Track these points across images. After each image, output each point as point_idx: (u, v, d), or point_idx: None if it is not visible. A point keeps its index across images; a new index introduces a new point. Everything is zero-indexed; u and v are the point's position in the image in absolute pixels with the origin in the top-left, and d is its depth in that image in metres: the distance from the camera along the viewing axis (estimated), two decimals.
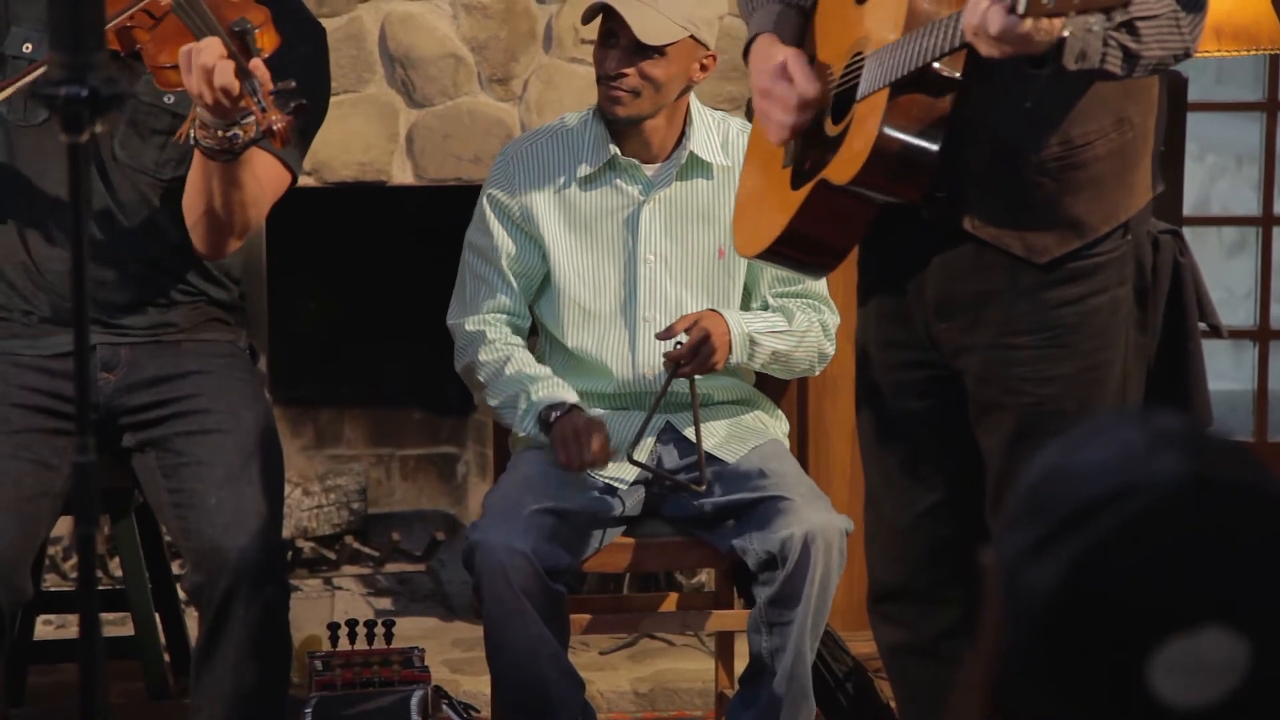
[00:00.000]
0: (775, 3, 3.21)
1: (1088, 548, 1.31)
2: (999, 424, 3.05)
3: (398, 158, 4.67)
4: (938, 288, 3.06)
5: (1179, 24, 2.81)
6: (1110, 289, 3.01)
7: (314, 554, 5.17)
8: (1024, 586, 1.33)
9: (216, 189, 3.34)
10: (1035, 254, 2.97)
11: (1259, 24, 4.26)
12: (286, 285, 4.92)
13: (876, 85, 2.88)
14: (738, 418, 3.87)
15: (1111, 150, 2.96)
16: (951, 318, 3.06)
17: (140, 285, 3.56)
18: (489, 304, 3.82)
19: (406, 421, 5.34)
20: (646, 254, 3.82)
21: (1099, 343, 3.01)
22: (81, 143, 2.09)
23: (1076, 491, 1.34)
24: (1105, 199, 2.97)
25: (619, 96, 3.72)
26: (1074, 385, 3.01)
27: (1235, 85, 5.61)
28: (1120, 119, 2.96)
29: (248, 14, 3.24)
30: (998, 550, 1.38)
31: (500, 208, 3.82)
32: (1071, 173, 2.95)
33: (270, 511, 3.42)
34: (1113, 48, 2.75)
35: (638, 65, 3.70)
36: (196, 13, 3.24)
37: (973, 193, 2.97)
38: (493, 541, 3.55)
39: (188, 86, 3.16)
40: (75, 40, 2.08)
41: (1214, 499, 1.32)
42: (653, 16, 3.67)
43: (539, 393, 3.72)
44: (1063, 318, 3.00)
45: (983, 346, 3.04)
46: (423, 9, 4.63)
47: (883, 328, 3.19)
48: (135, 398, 3.52)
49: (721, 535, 3.71)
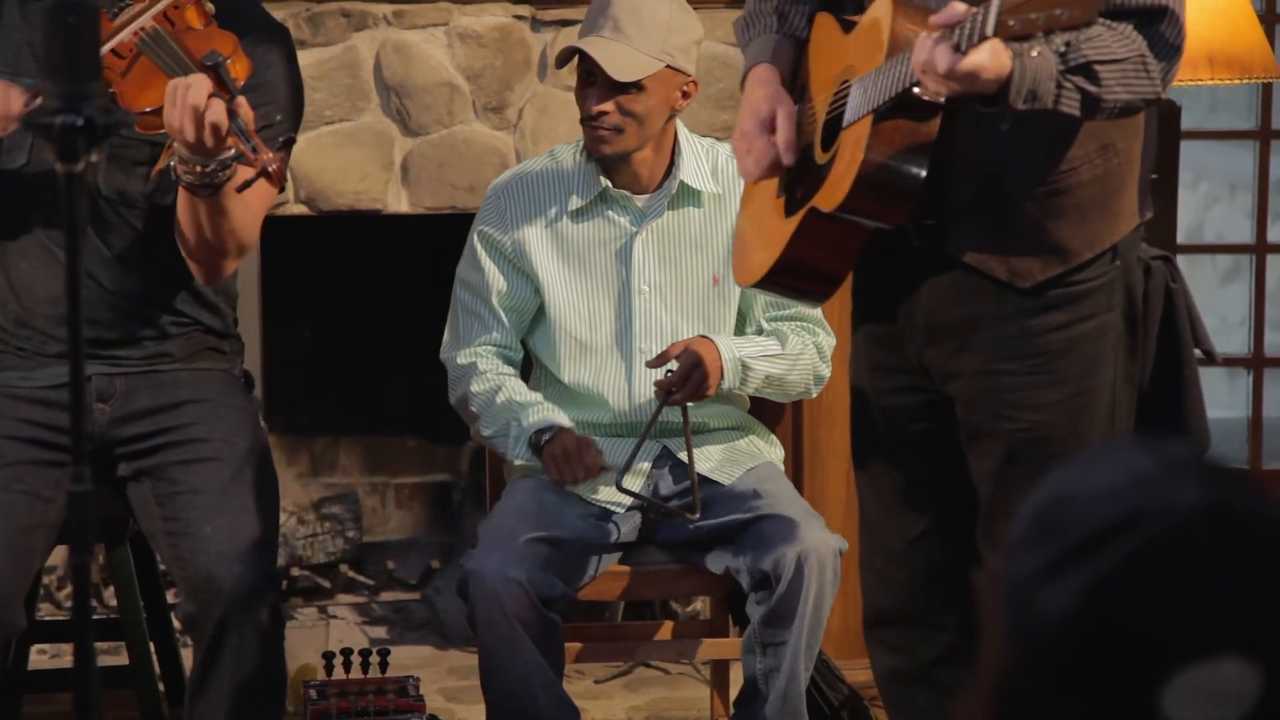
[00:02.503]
0: (772, 34, 3.22)
1: (1104, 573, 1.32)
2: (989, 450, 3.06)
3: (393, 186, 4.67)
4: (926, 314, 3.07)
5: (1147, 68, 2.81)
6: (1098, 315, 3.02)
7: (309, 582, 5.16)
8: (1034, 609, 1.34)
9: (205, 220, 3.33)
10: (1019, 278, 2.98)
11: (1252, 53, 4.27)
12: (282, 313, 4.91)
13: (860, 113, 2.89)
14: (733, 443, 3.87)
15: (1096, 176, 2.97)
16: (940, 343, 3.07)
17: (133, 317, 3.55)
18: (481, 338, 3.83)
19: (401, 450, 5.34)
20: (640, 284, 3.82)
21: (1087, 369, 3.02)
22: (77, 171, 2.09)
23: (1089, 516, 1.34)
24: (1089, 225, 2.98)
25: (602, 135, 3.73)
26: (1062, 412, 3.02)
27: (1229, 113, 5.62)
28: (1105, 145, 2.97)
29: (215, 44, 3.22)
30: (1004, 572, 1.38)
31: (492, 244, 3.83)
32: (1055, 198, 2.96)
33: (265, 539, 3.41)
34: (1068, 89, 2.76)
35: (617, 102, 3.70)
36: (166, 51, 3.22)
37: (957, 218, 2.99)
38: (488, 570, 3.55)
39: (170, 125, 3.13)
40: (70, 69, 2.08)
41: (1231, 527, 1.33)
42: (624, 53, 3.68)
43: (529, 418, 3.72)
44: (1050, 344, 3.01)
45: (971, 373, 3.05)
46: (418, 38, 4.63)
47: (874, 352, 3.21)
48: (130, 427, 3.52)
49: (716, 557, 3.71)
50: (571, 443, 3.67)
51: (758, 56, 3.20)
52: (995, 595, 1.38)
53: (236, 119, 3.11)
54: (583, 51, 3.70)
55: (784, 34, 3.22)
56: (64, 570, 4.88)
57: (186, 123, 3.10)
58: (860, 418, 3.29)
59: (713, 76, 4.65)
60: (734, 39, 4.60)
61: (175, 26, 3.27)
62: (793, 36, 3.21)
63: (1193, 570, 1.31)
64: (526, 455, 3.72)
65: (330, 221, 4.71)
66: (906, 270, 3.07)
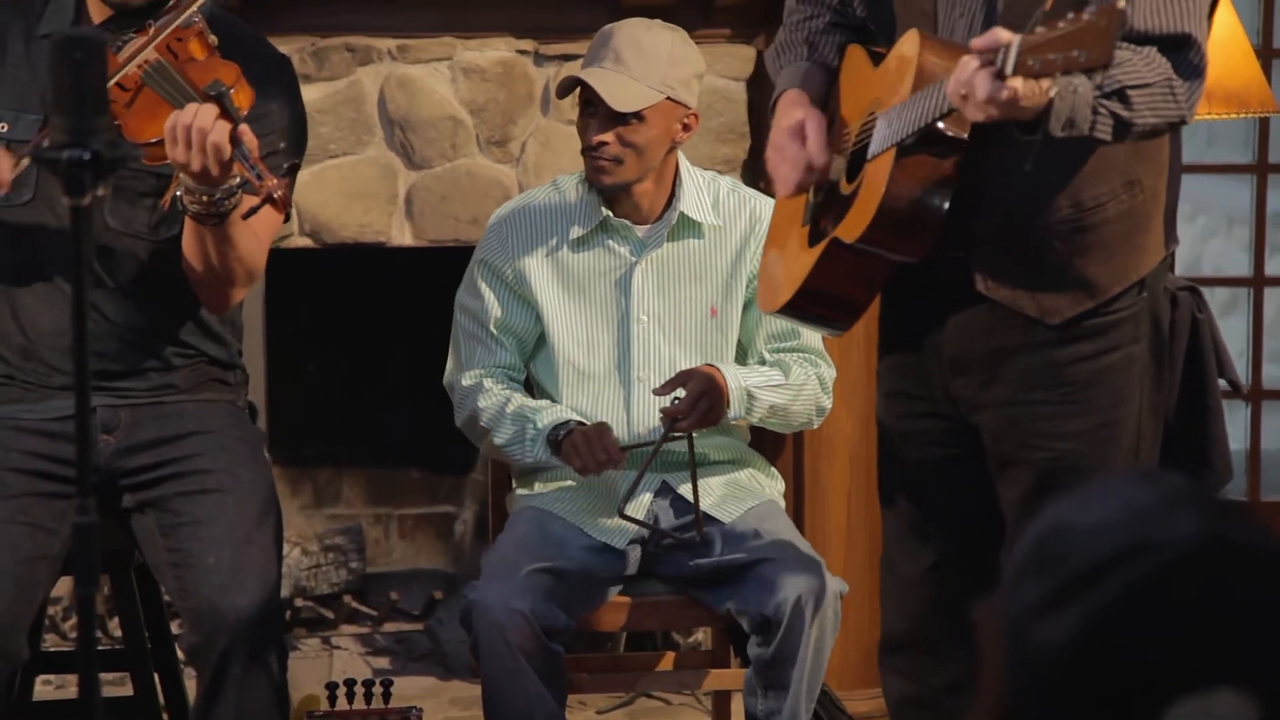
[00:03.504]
0: (802, 61, 3.26)
1: (1103, 605, 1.32)
2: (1017, 478, 3.09)
3: (397, 219, 4.68)
4: (954, 345, 3.10)
5: (1174, 92, 2.84)
6: (1124, 346, 3.04)
7: (312, 613, 5.16)
8: (1033, 641, 1.34)
9: (212, 249, 3.33)
10: (1048, 315, 3.01)
11: (1249, 89, 4.29)
12: (286, 345, 4.92)
13: (884, 146, 2.92)
14: (733, 476, 3.86)
15: (1122, 212, 3.00)
16: (968, 374, 3.10)
17: (139, 349, 3.55)
18: (484, 360, 3.83)
19: (405, 481, 5.34)
20: (640, 314, 3.83)
21: (1114, 399, 3.04)
22: (84, 205, 2.09)
23: (1088, 548, 1.34)
24: (1116, 260, 3.01)
25: (603, 166, 3.74)
26: (1090, 441, 3.04)
27: (1226, 148, 5.63)
28: (1130, 181, 3.00)
29: (218, 74, 3.22)
30: (1003, 603, 1.38)
31: (493, 272, 3.83)
32: (1082, 235, 2.98)
33: (269, 570, 3.41)
34: (1103, 115, 2.78)
35: (617, 133, 3.71)
36: (170, 82, 3.23)
37: (985, 254, 3.01)
38: (491, 601, 3.54)
39: (174, 156, 3.14)
40: (78, 105, 2.09)
41: (1230, 560, 1.33)
42: (624, 84, 3.69)
43: (543, 420, 3.73)
44: (1078, 374, 3.03)
45: (999, 402, 3.08)
46: (422, 72, 4.64)
47: (898, 382, 3.24)
48: (135, 459, 3.51)
49: (717, 596, 3.71)
50: (591, 430, 3.68)
51: (787, 83, 3.24)
52: (995, 625, 1.38)
53: (241, 146, 3.11)
54: (584, 81, 3.71)
55: (814, 61, 3.26)
56: (69, 601, 4.87)
57: (192, 152, 3.11)
58: (885, 448, 3.32)
59: (714, 110, 4.66)
60: (735, 73, 4.65)
61: (178, 58, 3.28)
62: (823, 64, 3.25)
63: (1191, 602, 1.31)
64: (545, 455, 3.72)
65: (334, 254, 4.72)
66: (933, 301, 3.10)
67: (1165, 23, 2.86)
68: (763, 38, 4.70)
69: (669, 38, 3.75)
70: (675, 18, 4.38)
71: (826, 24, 3.30)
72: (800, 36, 3.30)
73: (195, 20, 3.31)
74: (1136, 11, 2.84)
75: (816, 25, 3.30)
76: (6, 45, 3.50)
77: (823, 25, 3.30)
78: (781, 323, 3.84)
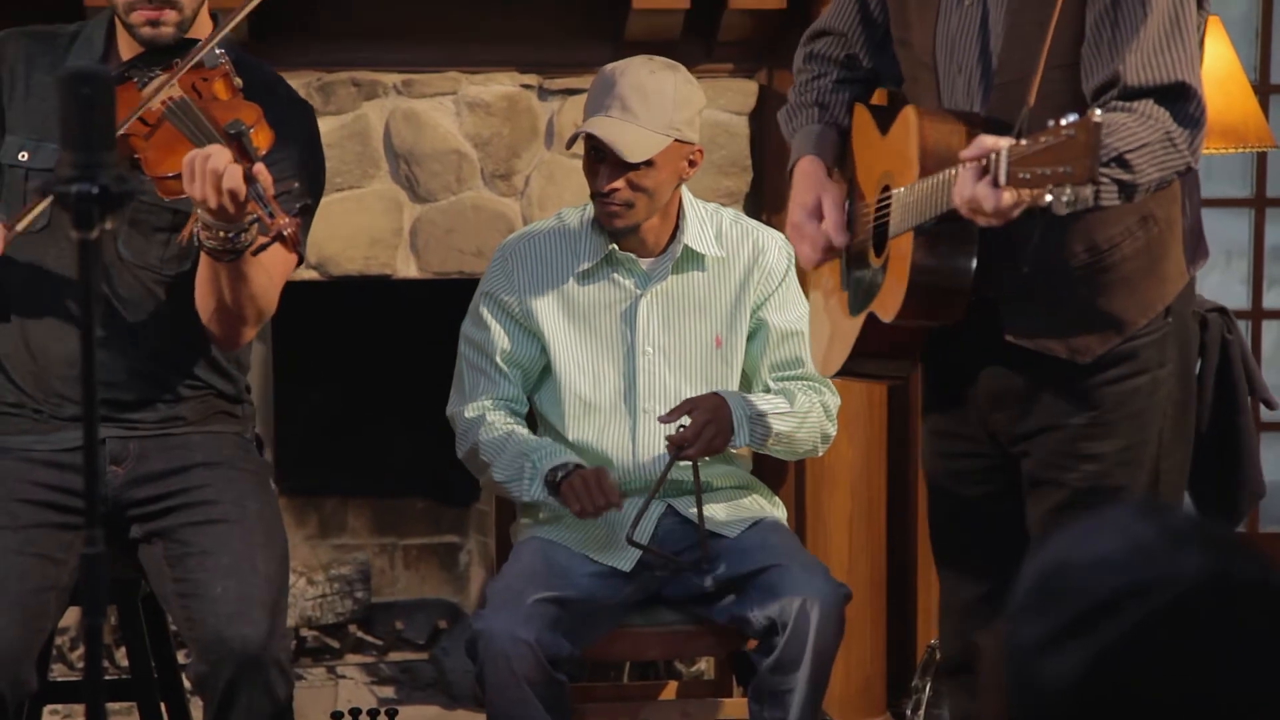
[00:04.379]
0: (816, 123, 3.35)
1: (1108, 642, 1.32)
2: (1046, 496, 3.16)
3: (402, 251, 4.68)
4: (990, 382, 3.17)
5: (1174, 143, 2.86)
6: (1150, 370, 3.09)
7: (318, 643, 5.15)
8: (1039, 676, 1.33)
9: (226, 286, 3.34)
10: (1079, 355, 3.07)
11: (1246, 124, 4.30)
12: (292, 377, 4.91)
13: (903, 228, 3.01)
14: (737, 500, 3.87)
15: (1139, 248, 3.04)
16: (1006, 409, 3.17)
17: (148, 381, 3.55)
18: (488, 392, 3.83)
19: (409, 511, 5.33)
20: (645, 346, 3.83)
21: (1138, 422, 3.10)
22: (92, 239, 2.09)
23: (1093, 584, 1.34)
24: (1139, 294, 3.06)
25: (615, 211, 3.75)
26: (1116, 463, 3.11)
27: (1224, 182, 5.63)
28: (1143, 217, 3.04)
29: (240, 114, 3.24)
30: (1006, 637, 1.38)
31: (498, 303, 3.83)
32: (1103, 275, 3.04)
33: (274, 600, 3.40)
34: (1106, 184, 2.82)
35: (627, 178, 3.71)
36: (191, 119, 3.25)
37: (1011, 307, 3.08)
38: (496, 630, 3.54)
39: (191, 192, 3.15)
40: (86, 140, 2.09)
41: (1236, 596, 1.32)
42: (634, 132, 3.69)
43: (542, 459, 3.72)
44: (1105, 398, 3.09)
45: (1035, 430, 3.14)
46: (427, 106, 4.64)
47: (941, 420, 3.32)
48: (143, 490, 3.51)
49: (723, 608, 3.72)
50: (589, 473, 3.67)
51: (801, 149, 3.33)
52: (998, 658, 1.38)
53: (255, 185, 3.12)
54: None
55: (826, 123, 3.35)
56: (76, 631, 4.86)
57: (208, 190, 3.12)
58: (931, 481, 3.40)
59: (716, 144, 4.66)
60: (737, 107, 4.66)
61: (202, 97, 3.30)
62: (834, 125, 3.34)
63: (1196, 640, 1.31)
64: (542, 494, 3.71)
65: (340, 287, 4.72)
66: (969, 342, 3.16)
67: (1158, 75, 2.88)
68: (764, 72, 4.71)
69: (671, 79, 3.75)
70: (678, 53, 4.39)
71: (834, 81, 3.38)
72: (810, 98, 3.38)
73: (221, 61, 3.34)
74: (1129, 67, 2.87)
75: (825, 84, 3.38)
76: (32, 77, 3.53)
77: (830, 84, 3.38)
78: (786, 352, 3.86)
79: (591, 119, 3.73)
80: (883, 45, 3.32)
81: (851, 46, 3.36)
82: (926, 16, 3.13)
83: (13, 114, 3.54)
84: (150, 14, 3.42)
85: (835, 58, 3.38)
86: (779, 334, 3.87)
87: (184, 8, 3.44)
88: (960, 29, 3.07)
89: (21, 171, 3.51)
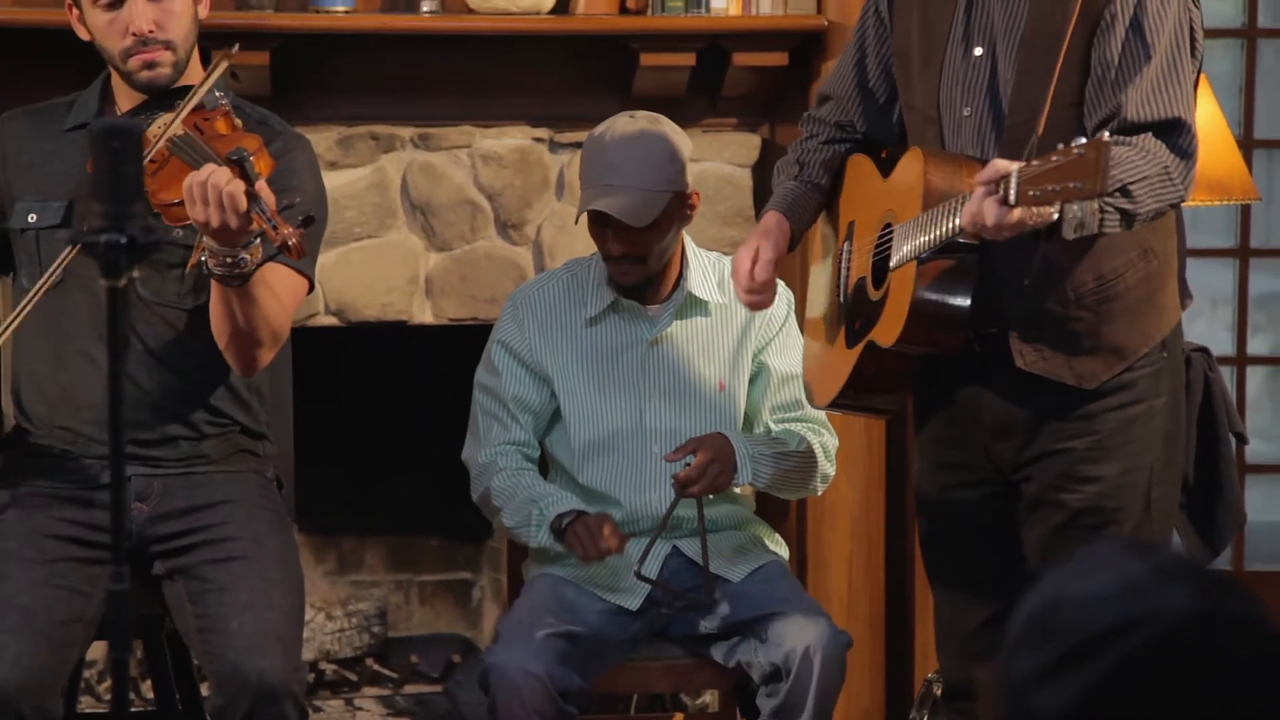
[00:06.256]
0: (793, 179, 3.45)
1: (1099, 676, 1.32)
2: (1045, 518, 3.20)
3: (418, 298, 4.68)
4: (995, 412, 3.21)
5: (1170, 177, 2.96)
6: (1147, 399, 3.16)
7: (336, 675, 5.14)
8: (1033, 708, 1.34)
9: (238, 311, 3.34)
10: (1085, 380, 3.13)
11: (1231, 177, 4.31)
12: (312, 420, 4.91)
13: (906, 258, 3.07)
14: (740, 541, 3.86)
15: (1140, 279, 3.12)
16: (1010, 438, 3.21)
17: (170, 416, 3.56)
18: (501, 437, 3.83)
19: (424, 549, 5.32)
20: (651, 390, 3.83)
21: (1135, 448, 3.16)
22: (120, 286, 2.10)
23: (1085, 619, 1.35)
24: (1140, 323, 3.14)
25: (626, 271, 3.75)
26: (1113, 486, 3.16)
27: (1210, 232, 5.64)
28: (1145, 249, 3.12)
29: (242, 143, 3.26)
30: (1002, 671, 1.38)
31: (510, 351, 3.84)
32: (1108, 304, 3.11)
33: (290, 634, 3.40)
34: (1110, 212, 2.91)
35: (634, 238, 3.71)
36: (195, 149, 3.26)
37: (1021, 334, 3.12)
38: (508, 664, 3.53)
39: (194, 215, 3.16)
40: (115, 192, 2.10)
41: (1220, 632, 1.33)
42: (636, 198, 3.68)
43: (548, 507, 3.71)
44: (1104, 424, 3.15)
45: (1037, 456, 3.18)
46: (442, 159, 4.65)
47: (945, 452, 3.33)
48: (166, 526, 3.51)
49: (727, 651, 3.71)
50: (591, 520, 3.66)
51: (773, 204, 3.44)
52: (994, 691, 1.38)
53: (258, 200, 3.13)
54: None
55: (801, 181, 3.44)
56: (104, 665, 4.86)
57: (210, 208, 3.12)
58: (925, 513, 3.42)
59: (720, 195, 4.67)
60: (741, 160, 4.68)
61: (204, 135, 3.32)
62: (810, 183, 3.43)
63: (1183, 674, 1.31)
64: (549, 540, 3.71)
65: (359, 332, 4.72)
66: (970, 373, 3.20)
67: (1156, 111, 2.99)
68: (766, 126, 4.72)
69: (658, 134, 3.74)
70: (684, 107, 4.40)
71: (820, 143, 3.46)
72: (793, 157, 3.49)
73: (222, 102, 3.35)
74: (1129, 103, 2.98)
75: (810, 145, 3.47)
76: (34, 146, 3.58)
77: (815, 145, 3.46)
78: (786, 395, 3.86)
79: (590, 192, 3.71)
80: (883, 111, 3.38)
81: (847, 113, 3.43)
82: (929, 75, 3.20)
83: (19, 183, 3.58)
84: (146, 56, 3.46)
85: (829, 121, 3.45)
86: (780, 377, 3.87)
87: (178, 48, 3.48)
88: (970, 78, 3.14)
89: (33, 234, 3.53)
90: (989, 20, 3.13)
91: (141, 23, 3.45)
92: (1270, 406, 5.92)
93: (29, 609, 3.36)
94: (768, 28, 4.58)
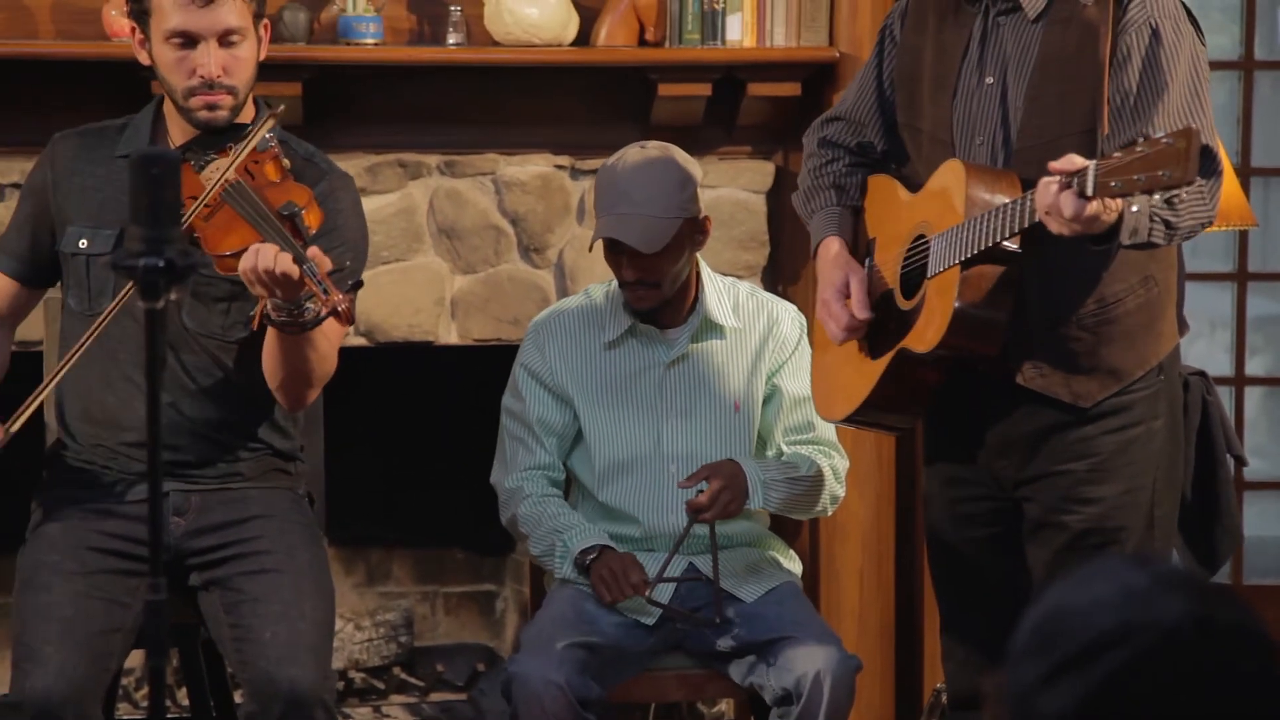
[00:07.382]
0: (835, 205, 3.38)
1: (1098, 681, 1.33)
2: (1048, 539, 3.19)
3: (444, 320, 4.70)
4: (997, 429, 3.21)
5: (1204, 194, 2.97)
6: (1145, 422, 3.16)
7: (364, 684, 5.15)
8: (1036, 713, 1.34)
9: (294, 356, 3.38)
10: (1080, 399, 3.13)
11: (1229, 204, 4.31)
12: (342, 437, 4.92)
13: (947, 263, 3.04)
14: (754, 560, 3.86)
15: (1140, 305, 3.12)
16: (1011, 455, 3.20)
17: (211, 444, 3.57)
18: (526, 462, 3.84)
19: (450, 561, 5.33)
20: (668, 411, 3.83)
21: (1135, 469, 3.16)
22: (158, 309, 2.11)
23: (1084, 627, 1.35)
24: (1137, 347, 3.13)
25: (641, 296, 3.76)
26: (1114, 507, 3.16)
27: (1208, 257, 5.63)
28: (1146, 277, 3.12)
29: (292, 196, 3.28)
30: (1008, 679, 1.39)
31: (534, 375, 3.85)
32: (1107, 327, 3.11)
33: (321, 644, 3.41)
34: (1157, 223, 2.92)
35: (648, 264, 3.72)
36: (247, 201, 3.28)
37: (1024, 351, 3.12)
38: (529, 673, 3.54)
39: (253, 292, 3.21)
40: (154, 217, 2.11)
41: (1215, 639, 1.33)
42: (648, 225, 3.69)
43: (572, 540, 3.72)
44: (1104, 446, 3.15)
45: (1037, 476, 3.18)
46: (467, 185, 4.67)
47: (952, 468, 3.33)
48: (202, 540, 3.53)
49: (740, 671, 3.70)
50: (617, 563, 3.67)
51: (824, 230, 3.37)
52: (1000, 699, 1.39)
53: (310, 264, 3.14)
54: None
55: (844, 206, 3.38)
56: (141, 673, 4.87)
57: (266, 285, 3.16)
58: (933, 527, 3.41)
59: (736, 220, 4.67)
60: (755, 186, 4.67)
61: (255, 179, 3.33)
62: (851, 207, 3.38)
63: (1181, 680, 1.32)
64: (573, 574, 3.72)
65: (387, 352, 4.74)
66: (975, 393, 3.20)
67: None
68: (781, 154, 4.72)
69: (668, 162, 3.75)
70: (700, 136, 4.41)
71: (848, 165, 3.41)
72: (826, 181, 3.41)
73: (272, 145, 3.37)
74: (1157, 130, 2.94)
75: (839, 169, 3.42)
76: (87, 170, 3.56)
77: (844, 168, 3.41)
78: (798, 417, 3.86)
79: (604, 220, 3.73)
80: (896, 131, 3.35)
81: (865, 133, 3.39)
82: (941, 99, 3.18)
83: (70, 206, 3.56)
84: (210, 99, 3.44)
85: (847, 144, 3.42)
86: (792, 400, 3.87)
87: (239, 93, 3.47)
88: (980, 104, 3.14)
89: (83, 259, 3.53)
90: (1002, 49, 3.12)
91: (212, 67, 3.41)
92: (1267, 425, 5.91)
93: (70, 620, 3.37)
94: (781, 59, 4.59)
